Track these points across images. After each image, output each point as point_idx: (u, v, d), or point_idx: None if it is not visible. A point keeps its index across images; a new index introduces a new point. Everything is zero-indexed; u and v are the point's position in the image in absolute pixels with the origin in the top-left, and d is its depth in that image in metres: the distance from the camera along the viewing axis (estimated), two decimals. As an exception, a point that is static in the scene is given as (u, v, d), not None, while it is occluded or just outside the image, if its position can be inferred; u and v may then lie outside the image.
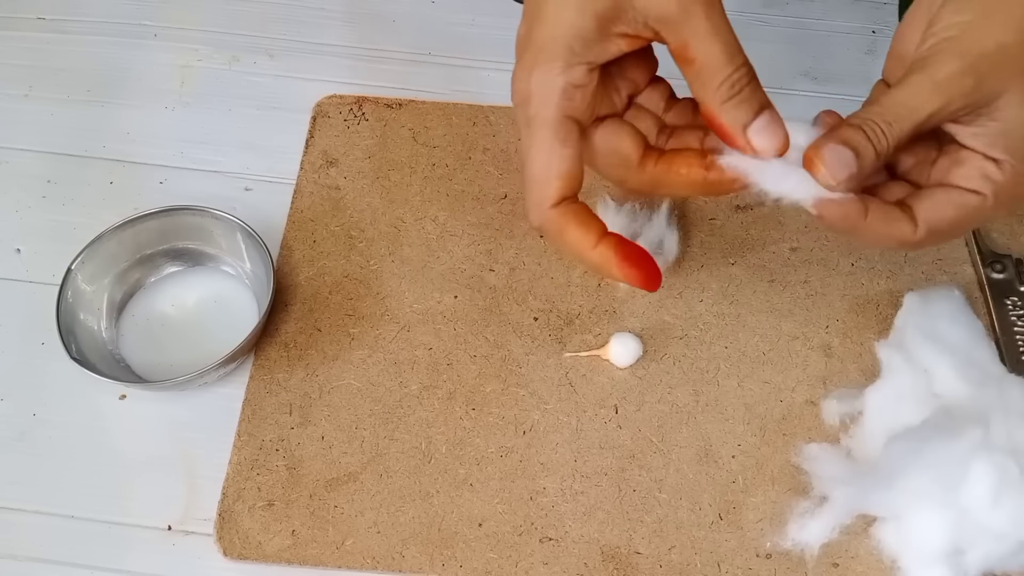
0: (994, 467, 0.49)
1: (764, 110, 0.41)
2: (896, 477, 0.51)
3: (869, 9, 0.76)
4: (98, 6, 0.75)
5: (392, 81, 0.71)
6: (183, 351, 0.59)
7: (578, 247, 0.42)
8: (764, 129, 0.40)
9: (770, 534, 0.53)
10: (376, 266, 0.62)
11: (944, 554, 0.50)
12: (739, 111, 0.40)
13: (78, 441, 0.57)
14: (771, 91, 0.70)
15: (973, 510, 0.49)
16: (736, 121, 0.40)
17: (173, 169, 0.67)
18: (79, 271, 0.58)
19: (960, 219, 0.42)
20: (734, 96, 0.40)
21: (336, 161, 0.67)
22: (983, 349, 0.56)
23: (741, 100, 0.40)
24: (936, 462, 0.50)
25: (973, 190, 0.42)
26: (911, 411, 0.54)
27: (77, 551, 0.53)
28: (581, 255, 0.42)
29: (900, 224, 0.42)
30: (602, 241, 0.42)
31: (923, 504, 0.50)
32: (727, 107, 0.40)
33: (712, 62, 0.40)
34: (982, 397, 0.53)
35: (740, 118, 0.40)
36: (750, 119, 0.40)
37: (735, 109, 0.40)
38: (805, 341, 0.59)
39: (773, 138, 0.40)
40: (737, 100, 0.40)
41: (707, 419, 0.57)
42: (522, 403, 0.57)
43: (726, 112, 0.40)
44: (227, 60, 0.73)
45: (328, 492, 0.54)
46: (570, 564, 0.52)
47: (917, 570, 0.51)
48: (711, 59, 0.40)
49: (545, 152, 0.41)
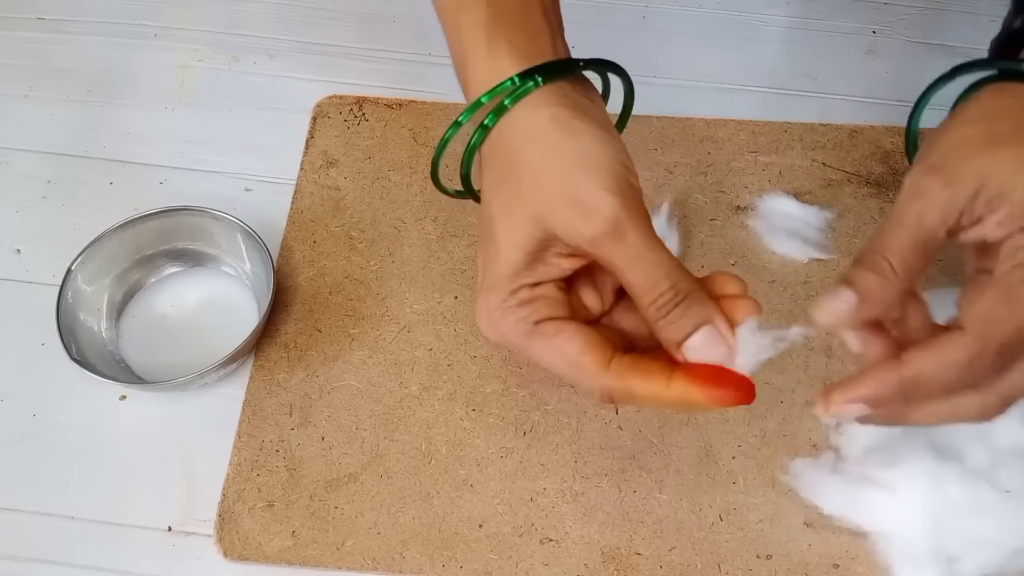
0: (975, 478, 0.49)
1: (700, 327, 0.40)
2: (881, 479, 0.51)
3: (869, 9, 0.76)
4: (98, 6, 0.75)
5: (392, 81, 0.71)
6: (183, 352, 0.59)
7: (653, 396, 0.41)
8: (701, 347, 0.40)
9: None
10: (376, 267, 0.62)
11: (934, 560, 0.50)
12: (670, 331, 0.40)
13: (78, 441, 0.57)
14: (771, 91, 0.71)
15: (958, 517, 0.50)
16: (669, 341, 0.41)
17: (173, 169, 0.67)
18: (79, 271, 0.58)
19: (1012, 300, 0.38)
20: (662, 318, 0.40)
21: (336, 161, 0.67)
22: None
23: (670, 321, 0.40)
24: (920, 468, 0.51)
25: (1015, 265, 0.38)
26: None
27: (77, 551, 0.53)
28: (659, 401, 0.41)
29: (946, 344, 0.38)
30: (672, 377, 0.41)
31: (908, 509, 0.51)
32: (660, 327, 0.41)
33: (636, 291, 0.41)
34: None
35: (672, 337, 0.41)
36: (682, 337, 0.40)
37: (666, 330, 0.40)
38: (805, 341, 0.59)
39: (711, 353, 0.40)
40: (666, 321, 0.40)
41: (707, 420, 0.57)
42: (522, 404, 0.57)
43: (660, 332, 0.41)
44: (227, 60, 0.73)
45: (328, 493, 0.54)
46: (570, 565, 0.52)
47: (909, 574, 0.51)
48: (634, 288, 0.41)
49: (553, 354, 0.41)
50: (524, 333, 0.42)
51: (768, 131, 0.68)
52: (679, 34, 0.74)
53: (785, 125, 0.68)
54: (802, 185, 0.65)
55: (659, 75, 0.72)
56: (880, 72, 0.72)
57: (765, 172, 0.66)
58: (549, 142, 0.41)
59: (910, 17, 0.75)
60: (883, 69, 0.72)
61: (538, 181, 0.41)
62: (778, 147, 0.67)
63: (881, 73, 0.72)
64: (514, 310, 0.42)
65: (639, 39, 0.74)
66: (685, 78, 0.72)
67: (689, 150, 0.67)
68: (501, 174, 0.43)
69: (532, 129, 0.42)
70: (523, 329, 0.42)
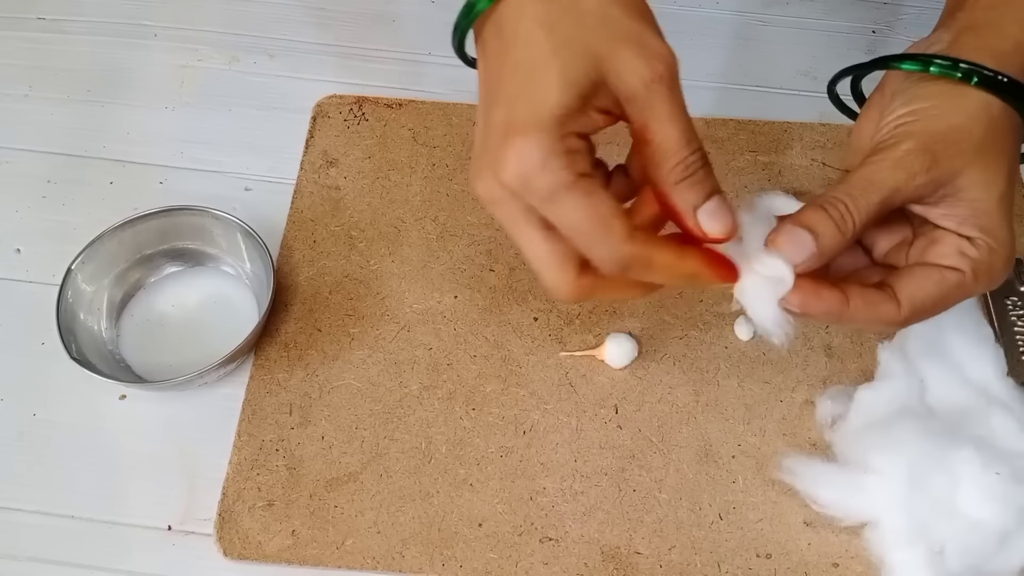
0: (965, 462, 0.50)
1: (715, 194, 0.41)
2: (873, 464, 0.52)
3: (869, 9, 0.76)
4: (98, 6, 0.75)
5: (392, 81, 0.71)
6: (183, 351, 0.59)
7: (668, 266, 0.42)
8: (714, 212, 0.41)
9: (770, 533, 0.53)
10: (376, 266, 0.62)
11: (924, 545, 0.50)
12: (690, 193, 0.41)
13: (78, 441, 0.57)
14: (771, 91, 0.71)
15: (947, 501, 0.50)
16: (687, 202, 0.41)
17: (173, 169, 0.67)
18: (79, 271, 0.58)
19: (942, 296, 0.43)
20: (687, 178, 0.41)
21: (336, 161, 0.67)
22: (985, 361, 0.56)
23: (693, 182, 0.41)
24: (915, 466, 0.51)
25: (952, 267, 0.43)
26: (897, 416, 0.54)
27: (77, 551, 0.53)
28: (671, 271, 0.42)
29: (883, 306, 0.43)
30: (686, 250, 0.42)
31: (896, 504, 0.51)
32: (679, 188, 0.41)
33: (669, 145, 0.41)
34: (969, 417, 0.54)
35: (691, 199, 0.41)
36: (701, 201, 0.41)
37: (687, 191, 0.41)
38: (805, 341, 0.59)
39: (722, 221, 0.41)
40: (690, 182, 0.41)
41: (707, 419, 0.57)
42: (522, 403, 0.57)
43: (678, 193, 0.41)
44: (227, 60, 0.73)
45: (328, 492, 0.54)
46: (570, 564, 0.52)
47: (900, 569, 0.51)
48: (668, 142, 0.41)
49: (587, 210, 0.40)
50: (566, 183, 0.40)
51: (768, 131, 0.68)
52: (679, 34, 0.74)
53: (785, 125, 0.68)
54: (802, 185, 0.65)
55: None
56: (880, 72, 0.72)
57: (765, 172, 0.66)
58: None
59: (910, 17, 0.75)
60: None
61: (606, 18, 0.40)
62: (778, 147, 0.67)
63: (881, 73, 0.72)
64: (562, 156, 0.40)
65: (639, 39, 0.74)
66: (685, 78, 0.70)
67: (689, 150, 0.67)
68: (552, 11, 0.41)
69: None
70: (567, 179, 0.40)
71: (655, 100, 0.40)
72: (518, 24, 0.41)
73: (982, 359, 0.56)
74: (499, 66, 0.42)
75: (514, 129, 0.40)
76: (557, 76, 0.40)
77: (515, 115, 0.40)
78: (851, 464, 0.53)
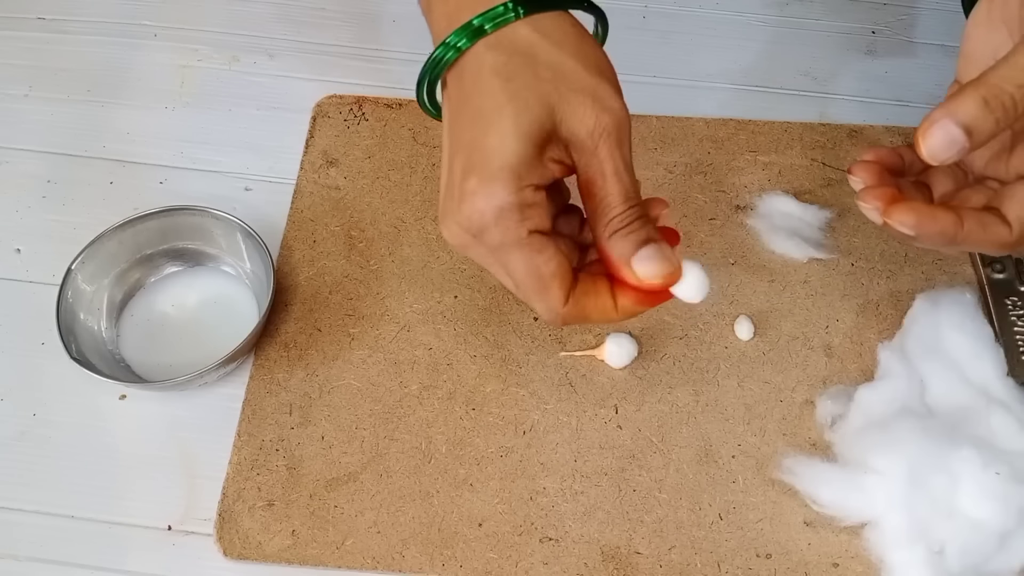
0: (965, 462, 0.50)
1: (650, 242, 0.42)
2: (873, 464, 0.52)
3: (869, 9, 0.76)
4: (98, 6, 0.75)
5: (392, 81, 0.71)
6: (183, 351, 0.59)
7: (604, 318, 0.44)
8: (649, 258, 0.42)
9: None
10: (376, 266, 0.62)
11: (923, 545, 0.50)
12: (623, 244, 0.42)
13: (78, 441, 0.57)
14: (771, 91, 0.71)
15: (946, 501, 0.50)
16: (620, 253, 0.42)
17: (173, 169, 0.67)
18: (79, 271, 0.58)
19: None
20: (619, 230, 0.42)
21: (336, 161, 0.67)
22: (985, 361, 0.56)
23: (627, 233, 0.42)
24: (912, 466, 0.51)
25: None
26: (897, 415, 0.54)
27: (77, 551, 0.53)
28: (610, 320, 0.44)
29: (995, 228, 0.43)
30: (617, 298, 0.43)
31: (896, 503, 0.51)
32: (613, 240, 0.42)
33: (609, 200, 0.42)
34: (969, 417, 0.54)
35: (624, 250, 0.42)
36: (633, 251, 0.42)
37: (619, 241, 0.42)
38: (805, 341, 0.59)
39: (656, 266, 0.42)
40: (623, 233, 0.42)
41: (707, 419, 0.57)
42: (522, 403, 0.57)
43: (612, 244, 0.42)
44: (227, 60, 0.73)
45: (328, 492, 0.54)
46: (570, 564, 0.52)
47: (900, 569, 0.51)
48: (608, 197, 0.42)
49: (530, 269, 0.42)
50: (515, 240, 0.41)
51: (768, 131, 0.68)
52: (679, 34, 0.74)
53: (785, 125, 0.68)
54: (802, 185, 0.65)
55: (659, 75, 0.72)
56: (880, 72, 0.72)
57: (765, 172, 0.66)
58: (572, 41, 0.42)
59: (910, 17, 0.75)
60: (883, 69, 0.72)
61: (561, 70, 0.41)
62: (778, 147, 0.67)
63: (881, 73, 0.72)
64: (516, 210, 0.41)
65: (639, 39, 0.74)
66: (685, 78, 0.72)
67: (689, 150, 0.67)
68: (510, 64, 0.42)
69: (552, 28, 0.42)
70: (517, 236, 0.41)
71: (600, 153, 0.41)
72: (478, 74, 0.42)
73: (982, 359, 0.56)
74: (459, 114, 0.43)
75: (471, 179, 0.41)
76: (511, 125, 0.41)
77: (472, 163, 0.41)
78: (851, 464, 0.53)
